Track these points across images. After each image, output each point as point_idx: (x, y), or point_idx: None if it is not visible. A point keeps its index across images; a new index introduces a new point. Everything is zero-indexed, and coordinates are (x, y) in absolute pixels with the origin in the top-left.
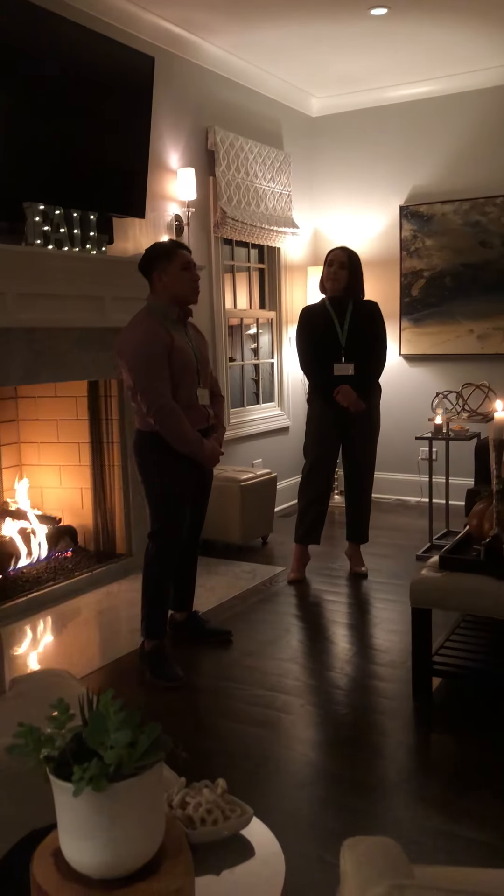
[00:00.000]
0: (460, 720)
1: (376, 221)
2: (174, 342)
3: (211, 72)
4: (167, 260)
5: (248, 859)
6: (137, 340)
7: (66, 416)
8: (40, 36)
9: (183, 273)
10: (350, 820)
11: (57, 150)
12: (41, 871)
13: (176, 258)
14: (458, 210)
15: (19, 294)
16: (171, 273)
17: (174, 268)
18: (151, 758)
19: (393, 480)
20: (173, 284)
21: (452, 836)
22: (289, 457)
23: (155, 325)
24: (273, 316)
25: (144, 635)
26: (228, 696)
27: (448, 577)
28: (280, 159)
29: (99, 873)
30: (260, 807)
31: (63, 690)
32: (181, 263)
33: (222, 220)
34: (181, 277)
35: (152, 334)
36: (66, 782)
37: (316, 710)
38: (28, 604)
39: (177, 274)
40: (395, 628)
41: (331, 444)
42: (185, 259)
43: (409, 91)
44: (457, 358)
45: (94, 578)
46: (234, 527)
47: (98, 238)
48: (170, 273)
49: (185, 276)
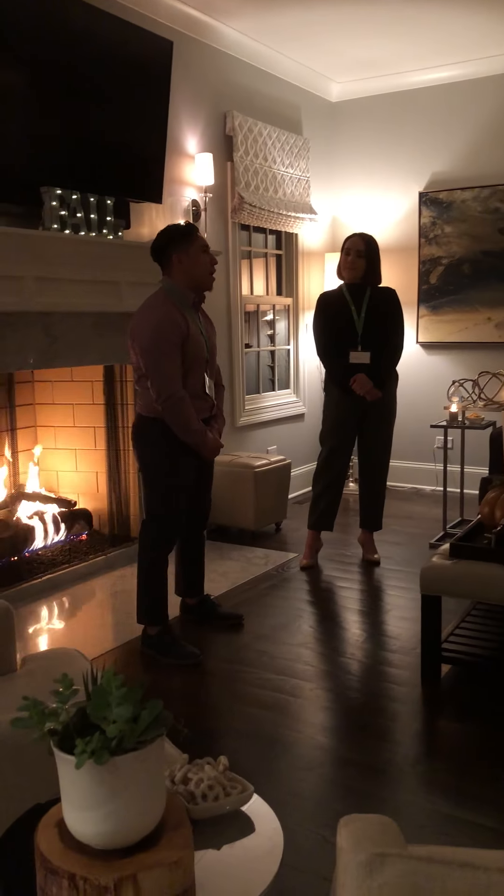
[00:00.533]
0: (468, 707)
1: (395, 208)
2: (189, 330)
3: (230, 56)
4: (187, 242)
5: (248, 835)
6: (153, 324)
7: (81, 400)
8: (59, 20)
9: (203, 255)
10: (355, 802)
11: (74, 135)
12: (44, 840)
13: (195, 240)
14: (477, 197)
15: (36, 278)
16: (192, 255)
17: (195, 249)
18: (153, 733)
19: (408, 468)
20: (192, 267)
21: (457, 820)
22: (304, 444)
23: (173, 310)
24: (290, 302)
25: (145, 621)
26: (238, 680)
27: (458, 565)
28: (299, 144)
29: (100, 843)
30: (266, 787)
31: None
32: (201, 245)
33: (240, 205)
34: (200, 260)
35: (170, 320)
36: (69, 755)
37: (325, 694)
38: (43, 585)
39: (196, 256)
40: (407, 615)
41: (347, 432)
42: (203, 241)
43: (430, 76)
44: (474, 346)
45: (108, 561)
46: (248, 512)
47: (115, 223)
48: (191, 255)
49: (204, 258)
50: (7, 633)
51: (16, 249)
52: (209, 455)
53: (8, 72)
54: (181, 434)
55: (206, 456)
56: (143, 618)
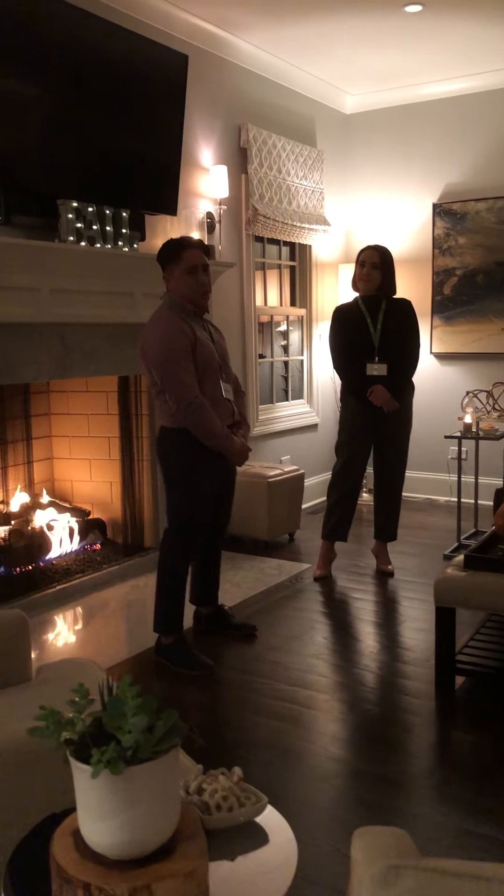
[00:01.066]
0: (482, 719)
1: (409, 219)
2: (196, 336)
3: (244, 69)
4: (174, 262)
5: (262, 846)
6: (161, 337)
7: (96, 410)
8: (76, 35)
9: (187, 277)
10: (368, 814)
11: (91, 148)
12: (60, 850)
13: (181, 261)
14: (491, 208)
15: (52, 290)
16: (177, 277)
17: (179, 271)
18: (168, 743)
19: (422, 479)
20: (178, 287)
21: (471, 833)
22: (317, 454)
23: (176, 319)
24: (303, 313)
25: (160, 630)
26: (251, 690)
27: (472, 577)
28: (313, 156)
29: (115, 853)
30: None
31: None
32: (186, 267)
33: (254, 217)
34: (185, 282)
35: (175, 329)
36: (85, 764)
37: (339, 705)
38: (57, 595)
39: (181, 278)
40: (421, 627)
41: (363, 443)
42: (191, 262)
43: (444, 88)
44: (488, 357)
45: (121, 571)
46: (262, 523)
47: (130, 235)
48: (176, 276)
49: (189, 281)
50: (22, 642)
51: (33, 261)
52: (238, 459)
53: (26, 86)
54: (206, 440)
55: (234, 460)
56: (159, 626)
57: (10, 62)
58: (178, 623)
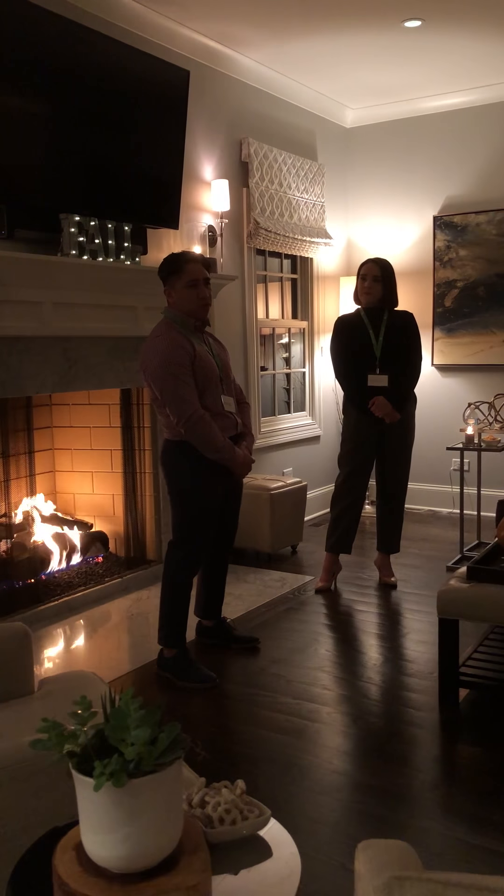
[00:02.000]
0: (487, 732)
1: (410, 232)
2: (195, 350)
3: (246, 84)
4: (175, 276)
5: (265, 859)
6: (160, 352)
7: (99, 423)
8: (78, 51)
9: (189, 291)
10: (373, 828)
11: (93, 163)
12: (63, 864)
13: (183, 275)
14: (492, 220)
15: (55, 303)
16: (178, 290)
17: (181, 284)
18: (171, 755)
19: (425, 491)
20: (178, 302)
21: (476, 847)
22: (319, 466)
23: (175, 334)
24: (305, 326)
25: (164, 643)
26: (255, 703)
27: (475, 588)
28: (314, 170)
29: (118, 867)
30: (283, 812)
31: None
32: (187, 281)
33: (255, 230)
34: (186, 295)
35: (174, 344)
36: (88, 777)
37: (342, 718)
38: (59, 608)
39: (182, 292)
40: (424, 639)
41: (366, 455)
42: (193, 276)
43: (444, 102)
44: (489, 368)
45: (124, 584)
46: (264, 535)
47: (132, 249)
48: (177, 290)
49: (190, 295)
50: (25, 655)
51: (35, 275)
52: (240, 471)
53: (28, 101)
54: (209, 453)
55: (237, 472)
56: (162, 639)
57: (13, 78)
58: (181, 636)
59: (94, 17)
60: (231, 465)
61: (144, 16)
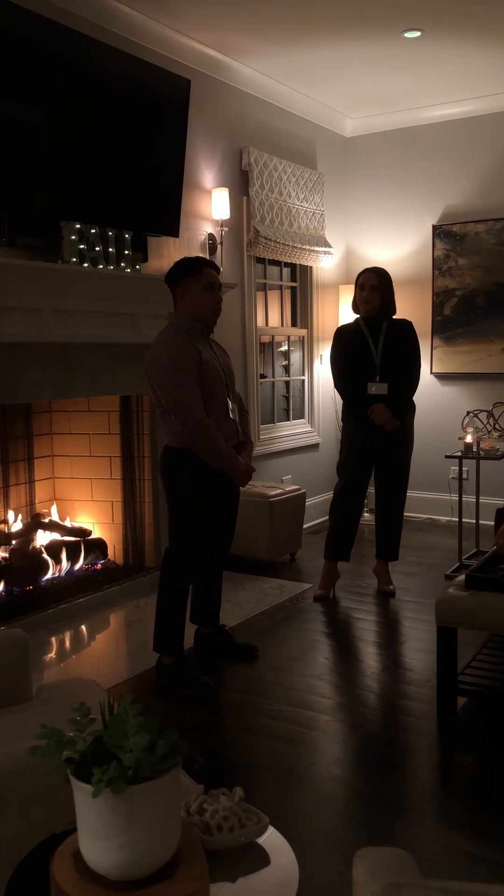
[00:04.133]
0: (485, 740)
1: (409, 240)
2: (202, 356)
3: (246, 93)
4: (192, 277)
5: (263, 867)
6: (166, 358)
7: (98, 430)
8: (80, 60)
9: (206, 293)
10: (370, 836)
11: (94, 170)
12: (61, 871)
13: (201, 277)
14: (491, 229)
15: (55, 310)
16: (195, 291)
17: (197, 286)
18: (169, 762)
19: (423, 499)
20: (194, 303)
21: (474, 857)
22: (318, 473)
23: (182, 340)
24: (304, 333)
25: (161, 650)
26: (253, 711)
27: (474, 596)
28: (314, 179)
29: (116, 874)
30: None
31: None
32: (205, 283)
33: (255, 238)
34: (203, 298)
35: (180, 350)
36: (86, 784)
37: (340, 726)
38: (57, 615)
39: (199, 293)
40: (423, 647)
41: (365, 463)
42: (210, 279)
43: (443, 111)
44: (488, 377)
45: (122, 591)
46: (263, 542)
47: (133, 256)
48: (193, 291)
49: (207, 297)
50: (23, 662)
51: (35, 282)
52: (242, 480)
53: (30, 109)
54: (212, 461)
55: (238, 481)
56: (159, 647)
57: (15, 86)
58: (178, 643)
59: (96, 27)
60: (232, 474)
61: (146, 25)
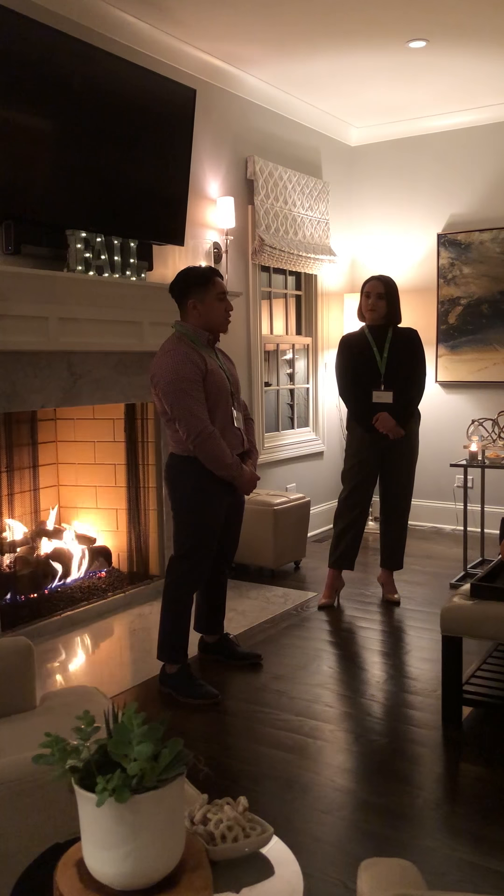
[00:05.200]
0: (491, 750)
1: (414, 249)
2: (207, 365)
3: (251, 103)
4: (203, 288)
5: (267, 878)
6: (172, 367)
7: (103, 437)
8: (86, 69)
9: (219, 303)
10: (375, 847)
11: (100, 180)
12: (64, 880)
13: (213, 287)
14: (495, 238)
15: (61, 319)
16: (208, 302)
17: (210, 297)
18: (173, 771)
19: (428, 507)
20: (207, 313)
21: (479, 868)
22: (323, 482)
23: (188, 350)
24: (309, 342)
25: (165, 659)
26: (257, 720)
27: (479, 606)
28: (318, 188)
29: (120, 884)
30: (284, 830)
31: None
32: (217, 293)
33: (260, 247)
34: (216, 308)
35: (186, 359)
36: (90, 793)
37: (345, 735)
38: (62, 622)
39: (212, 304)
40: (428, 656)
41: (370, 471)
42: (221, 288)
43: (448, 121)
44: (493, 385)
45: (127, 599)
46: (267, 551)
47: (138, 265)
48: (206, 302)
49: (220, 307)
50: (27, 670)
51: (41, 290)
52: (246, 488)
53: (36, 118)
54: (216, 469)
55: (242, 489)
56: (163, 655)
57: (21, 96)
58: (182, 652)
59: (101, 37)
60: (237, 482)
61: (151, 35)
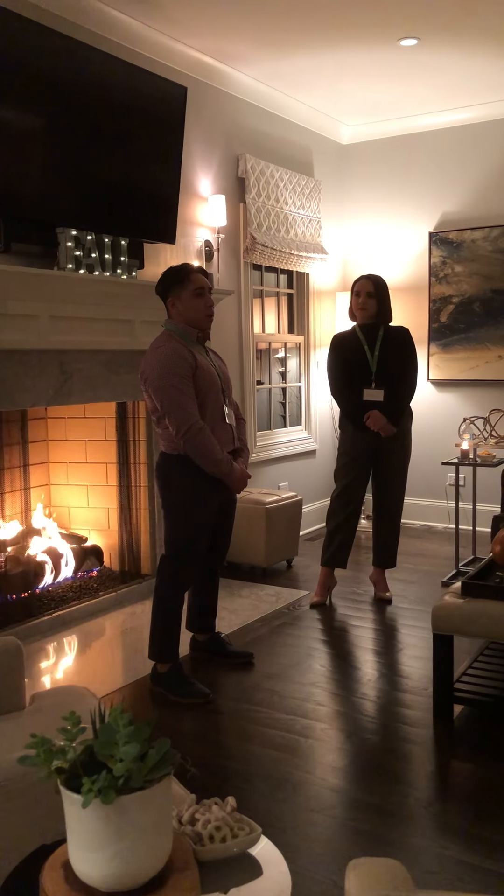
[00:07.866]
0: (482, 748)
1: (406, 248)
2: (197, 361)
3: (242, 101)
4: (180, 286)
5: (255, 878)
6: (161, 363)
7: (94, 436)
8: (76, 67)
9: (196, 300)
10: (366, 846)
11: (90, 177)
12: (50, 882)
13: (189, 284)
14: (487, 237)
15: (51, 317)
16: (184, 299)
17: (187, 294)
18: (160, 772)
19: (420, 506)
20: (186, 310)
21: (470, 866)
22: (315, 480)
23: (178, 346)
24: (301, 340)
25: (156, 658)
26: (248, 719)
27: (470, 604)
28: (310, 186)
29: (106, 885)
30: (274, 829)
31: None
32: (194, 290)
33: (252, 245)
34: (194, 304)
35: (176, 355)
36: (76, 794)
37: (336, 734)
38: (53, 622)
39: (189, 301)
40: (419, 654)
41: (362, 469)
42: (198, 284)
43: (439, 119)
44: (485, 384)
45: (118, 598)
46: (259, 549)
47: (129, 263)
48: (183, 299)
49: (198, 303)
50: (16, 669)
51: (32, 289)
52: (237, 485)
53: (26, 116)
54: (207, 466)
55: (233, 486)
56: (154, 654)
57: (11, 93)
58: (174, 651)
59: (92, 34)
60: (228, 480)
61: (142, 33)
